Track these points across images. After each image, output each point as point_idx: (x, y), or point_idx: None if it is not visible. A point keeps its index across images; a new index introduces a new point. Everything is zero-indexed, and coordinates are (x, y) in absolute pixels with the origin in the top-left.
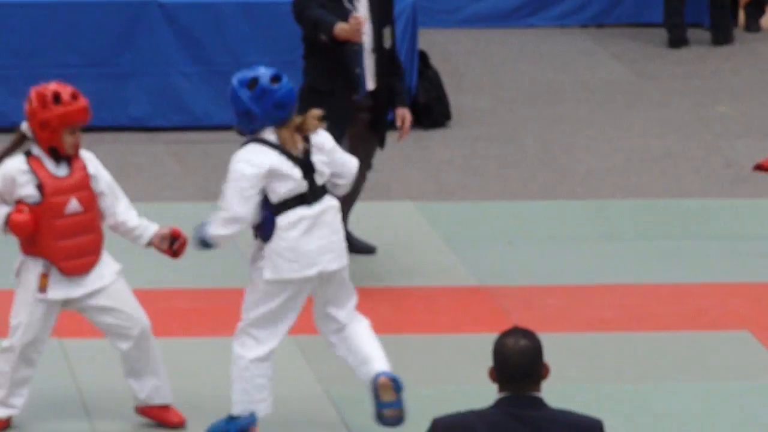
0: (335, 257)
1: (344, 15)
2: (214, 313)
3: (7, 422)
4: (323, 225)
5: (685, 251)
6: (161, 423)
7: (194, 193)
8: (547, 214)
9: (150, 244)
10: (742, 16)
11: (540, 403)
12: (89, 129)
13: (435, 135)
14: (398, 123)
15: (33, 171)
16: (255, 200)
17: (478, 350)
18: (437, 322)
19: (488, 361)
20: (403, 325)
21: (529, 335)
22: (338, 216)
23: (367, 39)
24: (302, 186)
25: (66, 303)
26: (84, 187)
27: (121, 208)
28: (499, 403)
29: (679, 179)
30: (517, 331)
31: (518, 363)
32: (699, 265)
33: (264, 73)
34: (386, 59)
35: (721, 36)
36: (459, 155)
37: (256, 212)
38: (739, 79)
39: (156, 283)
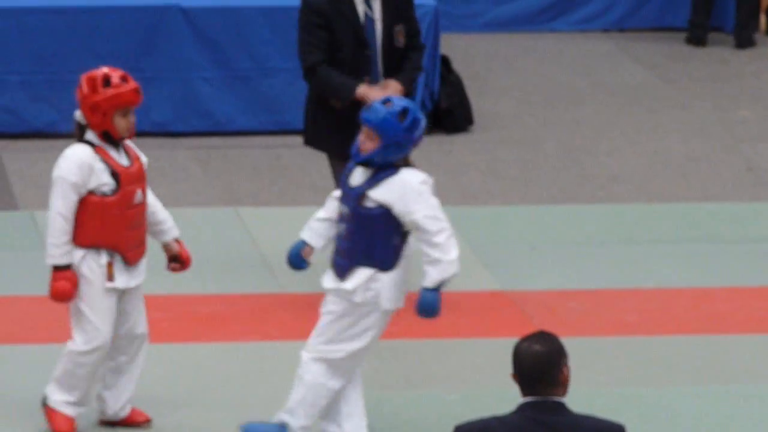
0: None
1: (354, 15)
2: (237, 319)
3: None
4: None
5: (706, 255)
6: (131, 425)
7: (216, 197)
8: (569, 219)
9: (167, 244)
10: (763, 20)
11: (562, 408)
12: None
13: (457, 139)
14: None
15: (104, 159)
16: None
17: (501, 354)
18: (460, 326)
19: (510, 366)
20: (426, 330)
21: (545, 339)
22: None
23: (378, 38)
24: None
25: (122, 294)
26: (143, 177)
27: (153, 197)
28: (521, 408)
29: (701, 183)
30: (533, 336)
31: (530, 367)
32: (720, 269)
33: (407, 102)
34: (398, 58)
35: (745, 40)
36: (481, 160)
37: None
38: (760, 83)
39: (177, 288)
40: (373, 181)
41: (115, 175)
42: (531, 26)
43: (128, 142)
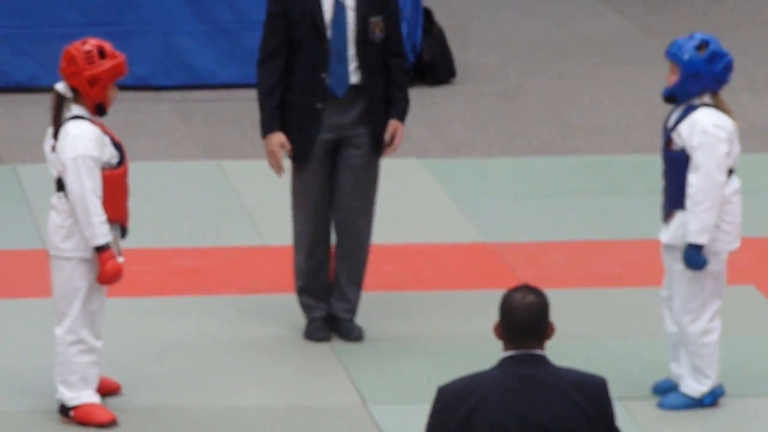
0: None
1: (315, 4)
2: (220, 272)
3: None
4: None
5: None
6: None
7: (199, 151)
8: (551, 170)
9: None
10: None
11: (544, 361)
12: None
13: (439, 92)
14: (387, 136)
15: (105, 132)
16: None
17: (484, 306)
18: (443, 278)
19: (494, 317)
20: (408, 282)
21: (536, 292)
22: None
23: (350, 28)
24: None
25: None
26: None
27: None
28: (503, 362)
29: None
30: (524, 288)
31: (525, 318)
32: None
33: (707, 38)
34: (375, 54)
35: None
36: (464, 112)
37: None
38: (741, 34)
39: (158, 241)
40: (675, 122)
41: (117, 146)
42: None
43: None
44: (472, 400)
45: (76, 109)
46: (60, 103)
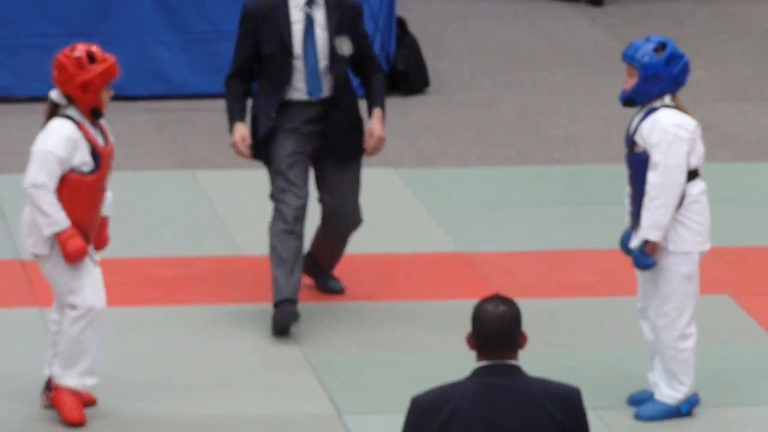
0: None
1: (285, 22)
2: (193, 282)
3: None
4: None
5: None
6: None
7: (173, 161)
8: (525, 180)
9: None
10: None
11: (517, 371)
12: None
13: (413, 101)
14: (366, 137)
15: (86, 137)
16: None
17: (458, 316)
18: (417, 288)
19: (467, 327)
20: (383, 292)
21: (508, 302)
22: None
23: (320, 45)
24: (703, 156)
25: None
26: (112, 157)
27: None
28: (476, 372)
29: None
30: (496, 298)
31: (497, 329)
32: None
33: (664, 40)
34: (344, 68)
35: None
36: (438, 122)
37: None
38: (716, 43)
39: (132, 250)
40: (637, 125)
41: (95, 154)
42: None
43: (103, 122)
44: (446, 410)
45: (70, 111)
46: (53, 111)
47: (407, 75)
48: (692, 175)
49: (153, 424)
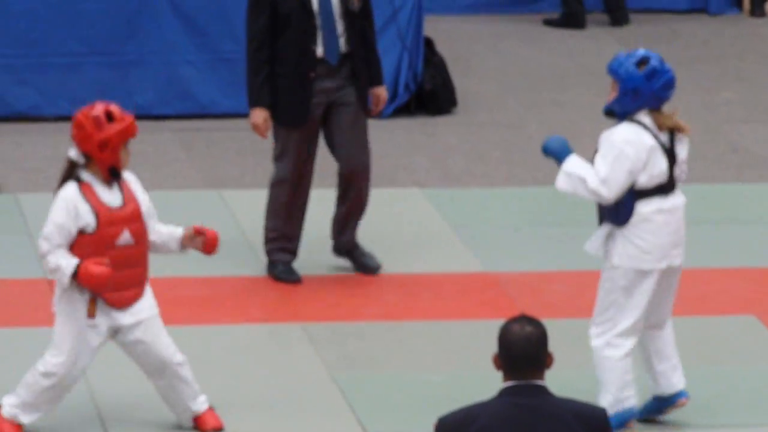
0: (682, 252)
1: None
2: (221, 301)
3: (20, 428)
4: (677, 219)
5: (690, 236)
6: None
7: (200, 180)
8: (552, 200)
9: (183, 247)
10: (746, 1)
11: (544, 392)
12: None
13: (441, 121)
14: (373, 101)
15: (87, 199)
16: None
17: (484, 336)
18: (443, 308)
19: (494, 347)
20: (409, 312)
21: (534, 322)
22: (683, 211)
23: (334, 3)
24: (664, 175)
25: (114, 332)
26: (136, 219)
27: (157, 224)
28: (502, 393)
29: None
30: (522, 318)
31: (523, 349)
32: (705, 250)
33: (649, 54)
34: (356, 22)
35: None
36: (465, 141)
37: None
38: (743, 64)
39: (161, 271)
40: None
41: (95, 214)
42: (514, 8)
43: (131, 180)
44: (472, 430)
45: (84, 175)
46: (71, 170)
47: (434, 95)
48: (643, 194)
49: None
